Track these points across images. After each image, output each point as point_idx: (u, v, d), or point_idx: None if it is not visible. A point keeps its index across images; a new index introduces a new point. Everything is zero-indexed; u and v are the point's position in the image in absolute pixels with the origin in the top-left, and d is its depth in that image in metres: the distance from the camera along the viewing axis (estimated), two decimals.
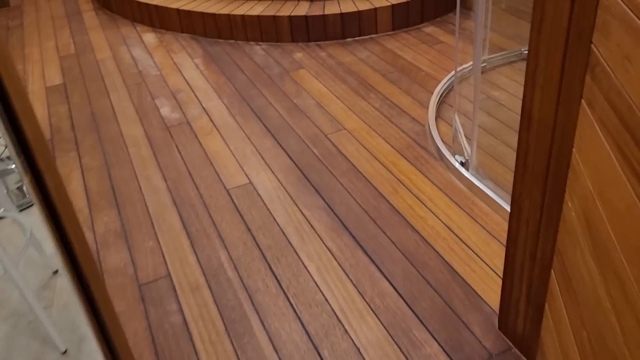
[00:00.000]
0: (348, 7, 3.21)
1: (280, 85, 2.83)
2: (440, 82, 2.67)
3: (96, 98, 2.87)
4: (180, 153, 2.36)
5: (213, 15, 3.36)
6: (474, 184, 1.91)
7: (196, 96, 2.80)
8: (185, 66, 3.13)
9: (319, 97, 2.68)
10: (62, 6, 4.24)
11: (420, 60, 2.93)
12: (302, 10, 3.25)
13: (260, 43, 3.33)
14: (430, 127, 2.31)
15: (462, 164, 2.03)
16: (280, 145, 2.34)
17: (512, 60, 2.78)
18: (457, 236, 1.76)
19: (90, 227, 1.98)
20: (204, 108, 2.69)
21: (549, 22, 0.95)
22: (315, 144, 2.33)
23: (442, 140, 2.22)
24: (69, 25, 3.86)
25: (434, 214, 1.86)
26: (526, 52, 2.78)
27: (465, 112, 2.37)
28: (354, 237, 1.80)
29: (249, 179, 2.15)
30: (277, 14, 3.23)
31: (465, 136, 2.15)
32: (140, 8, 3.69)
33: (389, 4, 3.20)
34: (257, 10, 3.31)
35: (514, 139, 2.26)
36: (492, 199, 1.83)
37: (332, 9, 3.22)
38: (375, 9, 3.19)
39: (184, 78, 3.00)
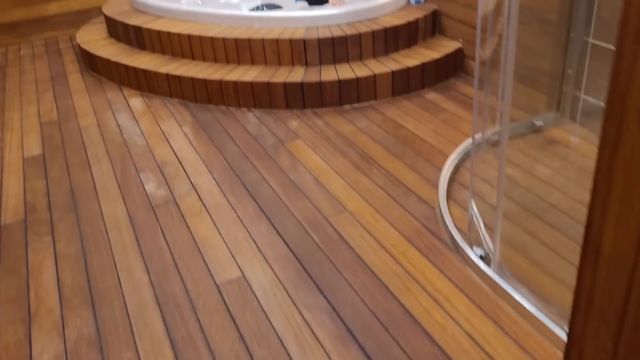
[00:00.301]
0: (346, 74, 3.06)
1: (275, 158, 2.63)
2: (447, 156, 2.49)
3: (77, 171, 2.66)
4: (165, 238, 2.13)
5: (204, 80, 3.20)
6: (497, 283, 1.70)
7: (184, 170, 2.60)
8: (173, 135, 2.94)
9: (317, 173, 2.48)
10: (47, 68, 4.07)
11: (424, 130, 2.76)
12: (298, 76, 3.10)
13: (253, 109, 3.16)
14: (442, 211, 2.11)
15: (481, 257, 1.82)
16: (276, 230, 2.12)
17: (523, 132, 2.61)
18: (484, 350, 1.53)
19: (60, 333, 1.73)
20: (192, 184, 2.48)
21: (629, 142, 0.76)
22: (315, 228, 2.11)
23: (455, 226, 2.01)
24: (53, 88, 3.69)
25: (454, 320, 1.63)
26: (538, 123, 2.62)
27: (480, 193, 2.18)
28: (363, 350, 1.56)
29: (241, 271, 1.92)
30: (271, 80, 3.07)
31: (484, 223, 1.95)
32: (127, 71, 3.52)
33: (389, 70, 3.06)
34: (250, 75, 3.15)
35: (535, 226, 2.06)
36: (520, 303, 1.61)
37: (329, 75, 3.06)
38: (375, 75, 3.04)
39: (172, 149, 2.80)
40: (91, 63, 3.87)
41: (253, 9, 4.04)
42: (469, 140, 2.55)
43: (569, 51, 2.57)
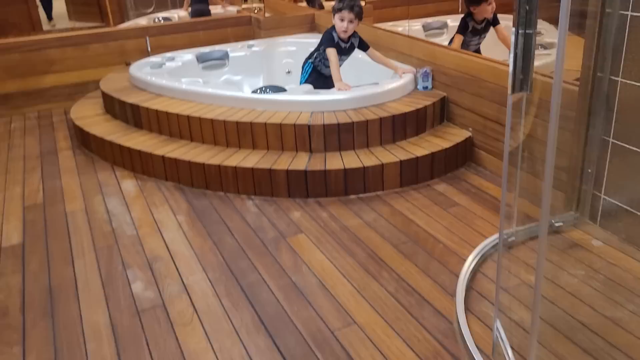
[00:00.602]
0: (352, 162, 2.91)
1: (275, 255, 2.43)
2: (463, 259, 2.30)
3: (58, 265, 2.43)
4: (150, 353, 1.89)
5: (202, 165, 3.04)
6: None
7: (176, 267, 2.38)
8: (166, 225, 2.74)
9: (321, 274, 2.28)
10: (38, 143, 3.91)
11: (436, 227, 2.58)
12: (301, 163, 2.94)
13: (253, 197, 2.98)
14: (461, 327, 1.89)
15: None
16: (277, 346, 1.89)
17: None
18: None
19: None
20: (184, 284, 2.26)
21: None
22: (320, 345, 1.88)
23: (477, 347, 1.79)
24: (42, 166, 3.51)
25: None
26: (557, 224, 2.45)
27: (501, 307, 1.97)
28: None
29: None
30: (273, 167, 2.91)
31: (511, 347, 1.73)
32: (121, 151, 3.37)
33: (397, 159, 2.91)
34: (251, 161, 3.00)
35: (566, 350, 1.83)
36: None
37: (334, 164, 2.91)
38: (382, 165, 2.89)
39: (164, 241, 2.59)
40: (84, 140, 3.72)
41: (256, 91, 3.95)
42: (486, 242, 2.37)
43: (588, 149, 2.44)
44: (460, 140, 3.10)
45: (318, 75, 3.62)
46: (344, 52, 3.51)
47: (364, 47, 3.55)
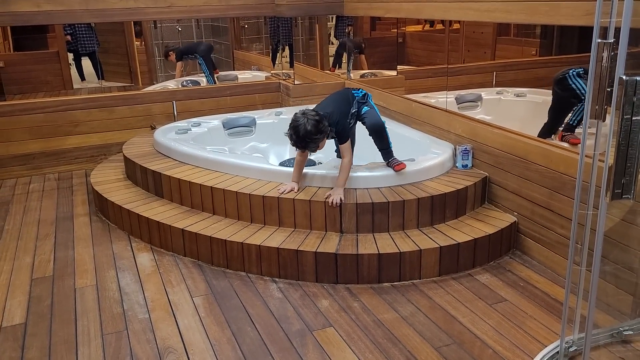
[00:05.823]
0: (386, 246, 2.67)
1: (301, 353, 2.16)
2: None
3: (59, 354, 2.19)
4: None
5: (223, 241, 2.82)
6: None
7: None
8: (182, 309, 2.49)
9: None
10: (54, 207, 3.75)
11: (482, 327, 2.29)
12: (331, 245, 2.70)
13: (277, 280, 2.74)
14: None
15: None
16: None
17: (606, 342, 2.14)
18: None
19: None
20: None
21: None
22: None
23: None
24: (55, 233, 3.32)
25: None
26: (626, 331, 2.15)
27: None
28: None
29: None
30: (300, 249, 2.68)
31: None
32: (139, 221, 3.17)
33: (436, 245, 2.66)
34: (276, 240, 2.77)
35: None
36: None
37: (367, 247, 2.67)
38: (420, 250, 2.64)
39: (178, 328, 2.34)
40: (102, 207, 3.54)
41: (284, 163, 3.76)
42: (544, 352, 2.07)
43: None
44: (505, 226, 2.85)
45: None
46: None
47: (341, 139, 2.96)
